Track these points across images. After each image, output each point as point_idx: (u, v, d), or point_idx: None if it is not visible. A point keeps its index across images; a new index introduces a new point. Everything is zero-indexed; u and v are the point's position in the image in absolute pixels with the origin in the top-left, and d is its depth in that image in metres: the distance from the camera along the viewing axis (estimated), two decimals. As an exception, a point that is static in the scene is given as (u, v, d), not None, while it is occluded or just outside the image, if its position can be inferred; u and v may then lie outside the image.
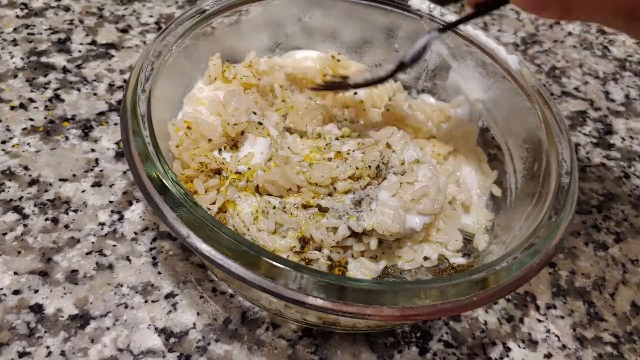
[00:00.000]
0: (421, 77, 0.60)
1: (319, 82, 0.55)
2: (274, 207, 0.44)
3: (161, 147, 0.40)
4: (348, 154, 0.48)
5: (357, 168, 0.46)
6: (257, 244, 0.37)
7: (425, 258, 0.47)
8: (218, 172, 0.48)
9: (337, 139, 0.51)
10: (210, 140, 0.47)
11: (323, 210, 0.45)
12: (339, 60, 0.57)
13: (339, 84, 0.52)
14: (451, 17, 0.55)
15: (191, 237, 0.35)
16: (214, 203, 0.46)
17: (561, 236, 0.41)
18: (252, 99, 0.51)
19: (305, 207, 0.45)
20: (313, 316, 0.42)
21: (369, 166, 0.46)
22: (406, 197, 0.44)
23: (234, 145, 0.49)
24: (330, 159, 0.48)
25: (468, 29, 0.54)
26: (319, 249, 0.44)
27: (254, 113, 0.50)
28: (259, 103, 0.52)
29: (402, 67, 0.47)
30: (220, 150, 0.48)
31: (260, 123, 0.48)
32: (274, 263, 0.34)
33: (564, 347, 0.48)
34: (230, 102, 0.48)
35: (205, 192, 0.46)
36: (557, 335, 0.49)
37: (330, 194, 0.46)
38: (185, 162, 0.46)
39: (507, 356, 0.47)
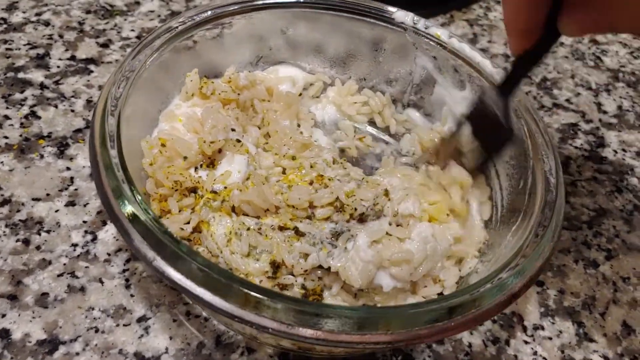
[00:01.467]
0: (406, 91, 0.58)
1: None
2: (248, 229, 0.43)
3: (134, 165, 0.39)
4: (330, 180, 0.47)
5: (337, 198, 0.44)
6: (227, 270, 0.36)
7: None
8: (193, 190, 0.46)
9: (324, 160, 0.49)
10: (186, 158, 0.46)
11: (300, 234, 0.43)
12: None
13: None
14: (435, 30, 0.54)
15: (157, 261, 0.34)
16: (188, 222, 0.44)
17: (547, 255, 0.40)
18: (233, 115, 0.50)
19: (282, 229, 0.44)
20: (287, 342, 0.41)
21: (352, 202, 0.44)
22: (385, 254, 0.42)
23: (211, 163, 0.48)
24: (311, 182, 0.47)
25: (453, 42, 0.53)
26: (292, 274, 0.42)
27: (233, 130, 0.48)
28: (240, 118, 0.51)
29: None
30: (196, 168, 0.47)
31: (238, 140, 0.47)
32: (244, 290, 0.33)
33: (551, 370, 0.46)
34: (207, 119, 0.47)
35: (180, 211, 0.45)
36: (544, 358, 0.47)
37: (309, 218, 0.45)
38: (159, 181, 0.44)
39: (492, 380, 0.45)
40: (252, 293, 0.32)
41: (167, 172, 0.44)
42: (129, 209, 0.36)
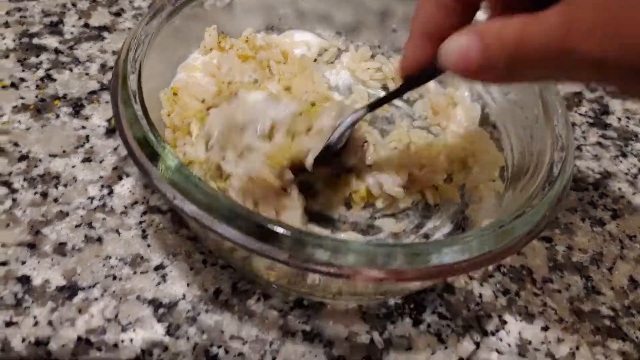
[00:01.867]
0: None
1: None
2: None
3: (153, 117, 0.39)
4: None
5: None
6: (249, 209, 0.36)
7: None
8: None
9: None
10: (203, 101, 0.46)
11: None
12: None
13: None
14: None
15: (178, 199, 0.35)
16: None
17: (554, 205, 0.40)
18: (250, 68, 0.51)
19: None
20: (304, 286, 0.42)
21: None
22: None
23: None
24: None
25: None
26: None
27: (251, 77, 0.49)
28: (257, 72, 0.52)
29: (328, 150, 0.44)
30: None
31: (256, 81, 0.48)
32: (269, 227, 0.33)
33: (561, 320, 0.47)
34: (224, 63, 0.48)
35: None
36: (554, 309, 0.48)
37: None
38: (177, 126, 0.45)
39: (503, 329, 0.46)
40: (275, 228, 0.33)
41: (182, 116, 0.45)
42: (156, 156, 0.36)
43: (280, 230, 0.33)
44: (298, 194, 0.42)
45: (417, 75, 0.38)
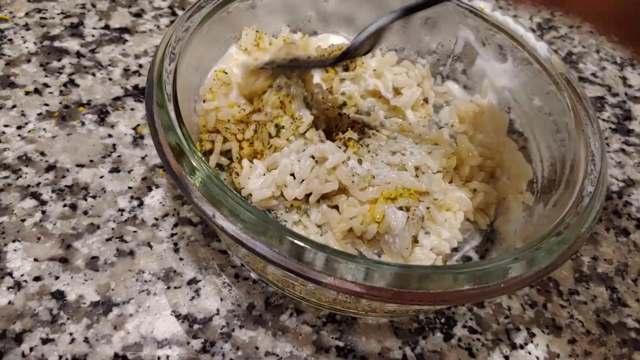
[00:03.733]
0: (447, 63, 0.59)
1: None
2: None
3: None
4: None
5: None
6: (283, 225, 0.36)
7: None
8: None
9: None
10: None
11: None
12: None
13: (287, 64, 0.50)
14: (479, 2, 0.54)
15: (216, 217, 0.35)
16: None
17: (591, 222, 0.40)
18: None
19: None
20: (338, 304, 0.42)
21: None
22: None
23: None
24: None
25: (496, 14, 0.53)
26: None
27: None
28: None
29: (348, 54, 0.44)
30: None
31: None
32: (297, 242, 0.34)
33: (588, 332, 0.48)
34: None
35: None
36: (580, 321, 0.48)
37: None
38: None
39: (532, 342, 0.46)
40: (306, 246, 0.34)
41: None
42: (189, 166, 0.36)
43: (314, 250, 0.33)
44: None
45: None
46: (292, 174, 0.46)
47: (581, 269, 0.52)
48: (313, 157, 0.46)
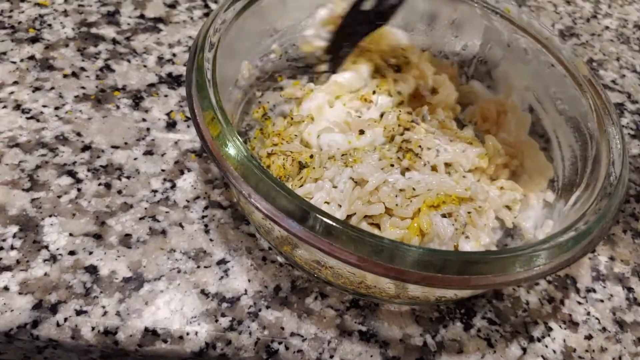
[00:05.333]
0: (472, 64, 0.60)
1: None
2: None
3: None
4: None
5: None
6: (321, 209, 0.38)
7: None
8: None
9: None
10: None
11: None
12: None
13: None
14: (505, 4, 0.55)
15: (252, 196, 0.36)
16: None
17: (611, 219, 0.42)
18: None
19: None
20: (362, 287, 0.43)
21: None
22: None
23: None
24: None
25: (522, 17, 0.54)
26: None
27: None
28: None
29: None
30: None
31: None
32: (330, 222, 0.35)
33: (604, 329, 0.49)
34: None
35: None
36: (597, 318, 0.49)
37: None
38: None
39: (549, 335, 0.47)
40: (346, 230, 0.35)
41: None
42: (228, 150, 0.38)
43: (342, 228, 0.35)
44: None
45: None
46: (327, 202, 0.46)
47: (598, 268, 0.53)
48: (352, 179, 0.47)
